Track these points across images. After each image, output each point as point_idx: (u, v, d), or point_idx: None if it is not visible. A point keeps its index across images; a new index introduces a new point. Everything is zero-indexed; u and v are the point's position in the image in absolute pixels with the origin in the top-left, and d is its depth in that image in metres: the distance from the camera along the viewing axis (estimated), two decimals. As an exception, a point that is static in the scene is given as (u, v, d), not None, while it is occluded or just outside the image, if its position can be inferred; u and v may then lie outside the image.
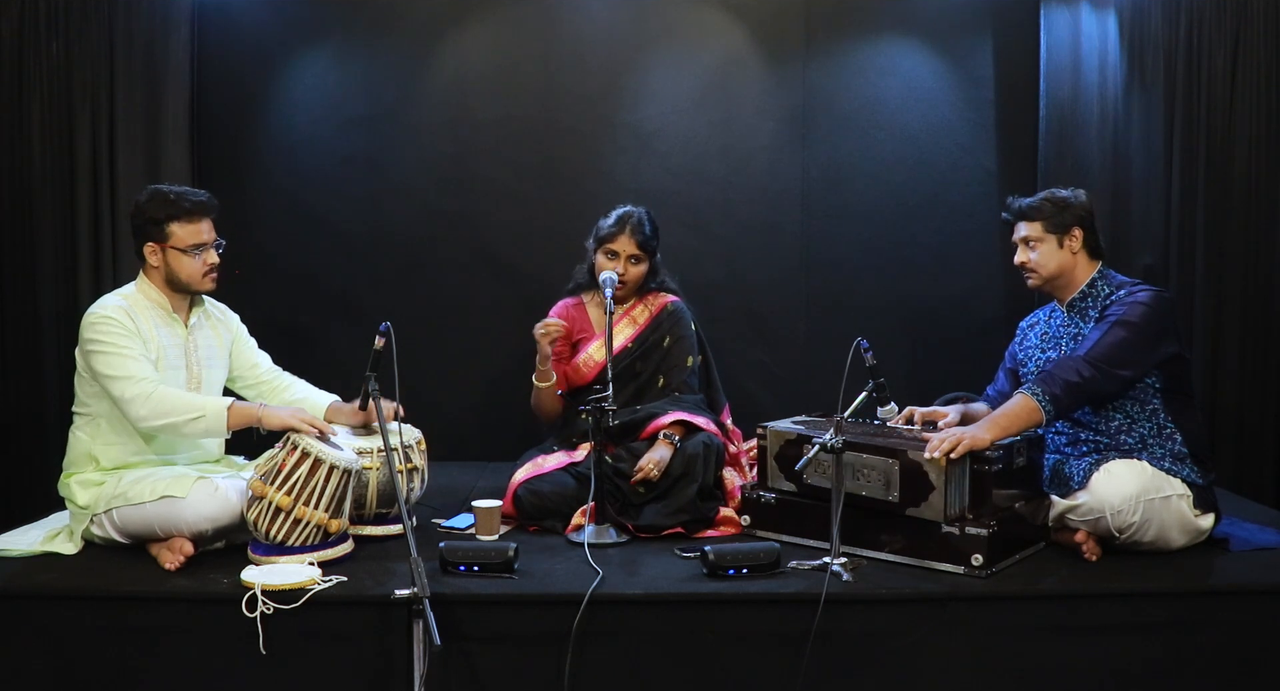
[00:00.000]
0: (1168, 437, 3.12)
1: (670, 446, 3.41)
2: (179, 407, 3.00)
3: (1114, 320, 3.08)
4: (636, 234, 3.62)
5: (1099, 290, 3.23)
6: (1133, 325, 3.06)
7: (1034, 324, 3.43)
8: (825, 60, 4.40)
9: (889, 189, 4.43)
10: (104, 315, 3.05)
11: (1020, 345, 3.44)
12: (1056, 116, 4.27)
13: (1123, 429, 3.14)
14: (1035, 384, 3.04)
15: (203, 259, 3.14)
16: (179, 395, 3.03)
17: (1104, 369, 3.03)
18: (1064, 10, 4.25)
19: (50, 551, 3.05)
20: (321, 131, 4.39)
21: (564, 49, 4.39)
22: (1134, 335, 3.05)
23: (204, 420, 3.01)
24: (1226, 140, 4.18)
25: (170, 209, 3.10)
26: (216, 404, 3.03)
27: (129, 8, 4.13)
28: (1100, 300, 3.20)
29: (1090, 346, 3.07)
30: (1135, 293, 3.14)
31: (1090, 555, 3.00)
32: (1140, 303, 3.09)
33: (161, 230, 3.10)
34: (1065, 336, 3.26)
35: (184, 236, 3.11)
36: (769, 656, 2.76)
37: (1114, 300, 3.15)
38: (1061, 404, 3.02)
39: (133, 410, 2.99)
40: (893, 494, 2.97)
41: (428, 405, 4.01)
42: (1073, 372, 3.02)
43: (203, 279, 3.16)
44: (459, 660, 2.71)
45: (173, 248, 3.11)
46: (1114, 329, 3.07)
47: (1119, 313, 3.09)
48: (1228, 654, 2.81)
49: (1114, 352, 3.04)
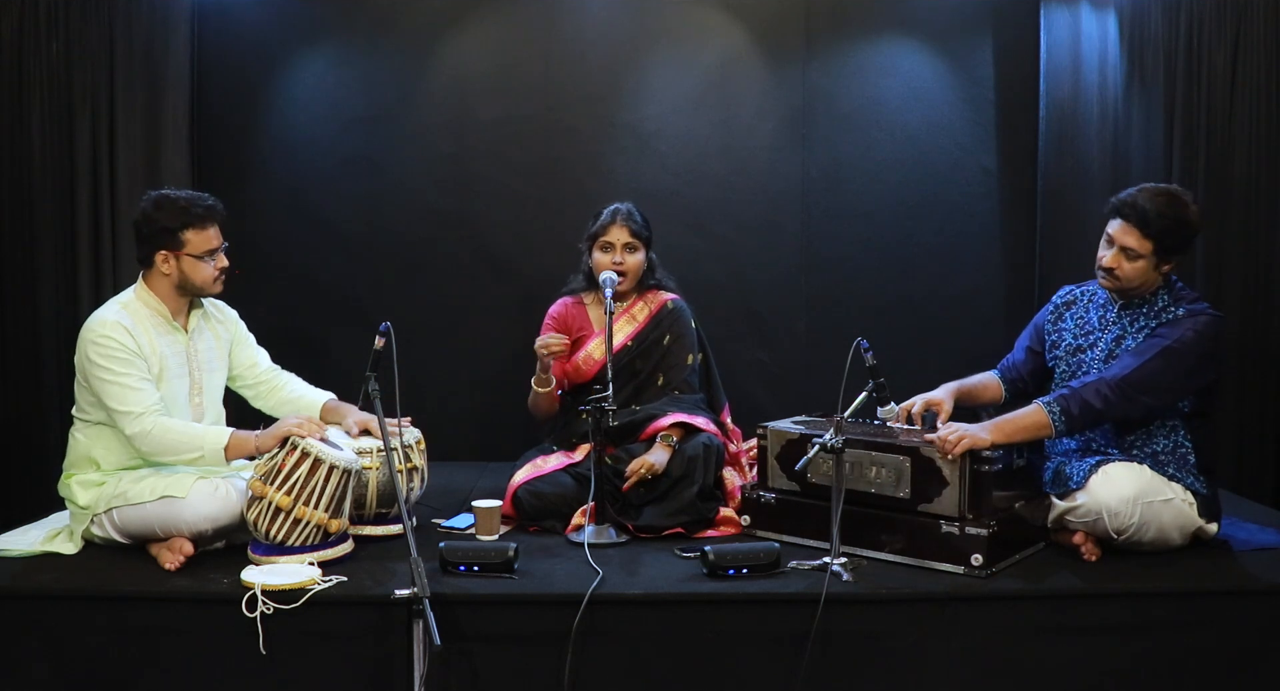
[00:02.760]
0: (1182, 457, 3.07)
1: (668, 449, 3.40)
2: (179, 447, 3.00)
3: (1163, 346, 2.95)
4: (628, 222, 3.64)
5: (1159, 301, 3.07)
6: (1179, 355, 2.94)
7: (1070, 302, 3.28)
8: (825, 60, 4.40)
9: (889, 189, 4.43)
10: (103, 334, 3.02)
11: (1053, 324, 3.28)
12: (1056, 116, 4.28)
13: (1136, 443, 3.10)
14: (1055, 399, 2.98)
15: (215, 264, 3.15)
16: (179, 431, 3.02)
17: (1132, 395, 2.95)
18: (1064, 10, 4.26)
19: (50, 551, 3.05)
20: (321, 132, 4.39)
21: (564, 49, 4.39)
22: (1176, 364, 2.94)
23: (203, 459, 3.03)
24: (1226, 140, 4.18)
25: (184, 216, 3.08)
26: (213, 443, 3.02)
27: (129, 8, 4.13)
28: (1157, 312, 3.06)
29: (1128, 369, 2.96)
30: (1195, 317, 2.98)
31: (1089, 556, 3.00)
32: (1196, 331, 2.95)
33: (176, 238, 3.08)
34: (1108, 335, 3.13)
35: (199, 243, 3.09)
36: (769, 656, 2.76)
37: (1170, 318, 3.02)
38: (1074, 423, 2.98)
39: (135, 445, 3.02)
40: (904, 490, 2.97)
41: (428, 405, 4.01)
42: (1097, 396, 2.95)
43: (214, 283, 3.17)
44: (459, 660, 2.71)
45: (188, 254, 3.09)
46: (1156, 357, 2.95)
47: (1172, 337, 2.96)
48: (1228, 654, 2.81)
49: (1149, 380, 2.95)
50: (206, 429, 3.07)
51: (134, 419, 2.99)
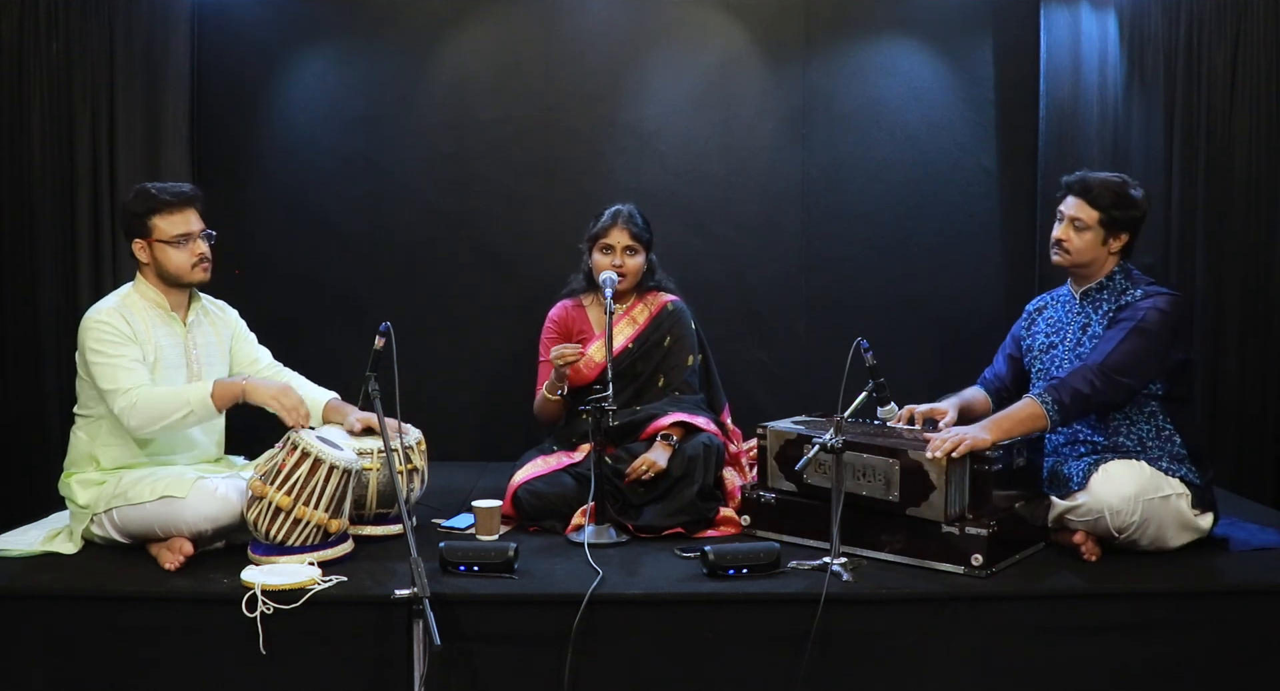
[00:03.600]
0: (1166, 439, 3.11)
1: (668, 448, 3.41)
2: (166, 409, 3.00)
3: (1131, 326, 3.04)
4: (629, 224, 3.64)
5: (1117, 284, 3.19)
6: (1150, 333, 3.02)
7: (1041, 307, 3.39)
8: (825, 60, 4.40)
9: (889, 189, 4.43)
10: (98, 319, 3.06)
11: (1026, 330, 3.40)
12: (1056, 116, 4.27)
13: (1121, 430, 3.14)
14: (1045, 391, 3.02)
15: (190, 250, 3.14)
16: (162, 394, 3.02)
17: (1116, 379, 3.00)
18: (1064, 10, 4.25)
19: (50, 551, 3.06)
20: (322, 131, 4.39)
21: (564, 49, 4.39)
22: (1150, 343, 3.02)
23: (193, 414, 3.03)
24: (1226, 140, 4.18)
25: (150, 202, 3.13)
26: (199, 393, 3.02)
27: (129, 8, 4.13)
28: (1116, 296, 3.17)
29: (1106, 354, 3.03)
30: (1154, 297, 3.09)
31: (1089, 555, 3.00)
32: (1159, 310, 3.05)
33: (144, 224, 3.12)
34: (1074, 325, 3.23)
35: (166, 228, 3.12)
36: (769, 656, 2.76)
37: (1130, 301, 3.12)
38: (1067, 412, 3.01)
39: (126, 422, 3.02)
40: (893, 493, 2.97)
41: (428, 405, 4.01)
42: (1084, 382, 3.00)
43: (192, 270, 3.16)
44: (459, 660, 2.71)
45: (157, 240, 3.12)
46: (1130, 336, 3.03)
47: (1137, 318, 3.05)
48: (1228, 654, 2.81)
49: (1128, 360, 3.01)
50: (188, 386, 3.08)
51: (121, 394, 2.99)
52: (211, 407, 3.03)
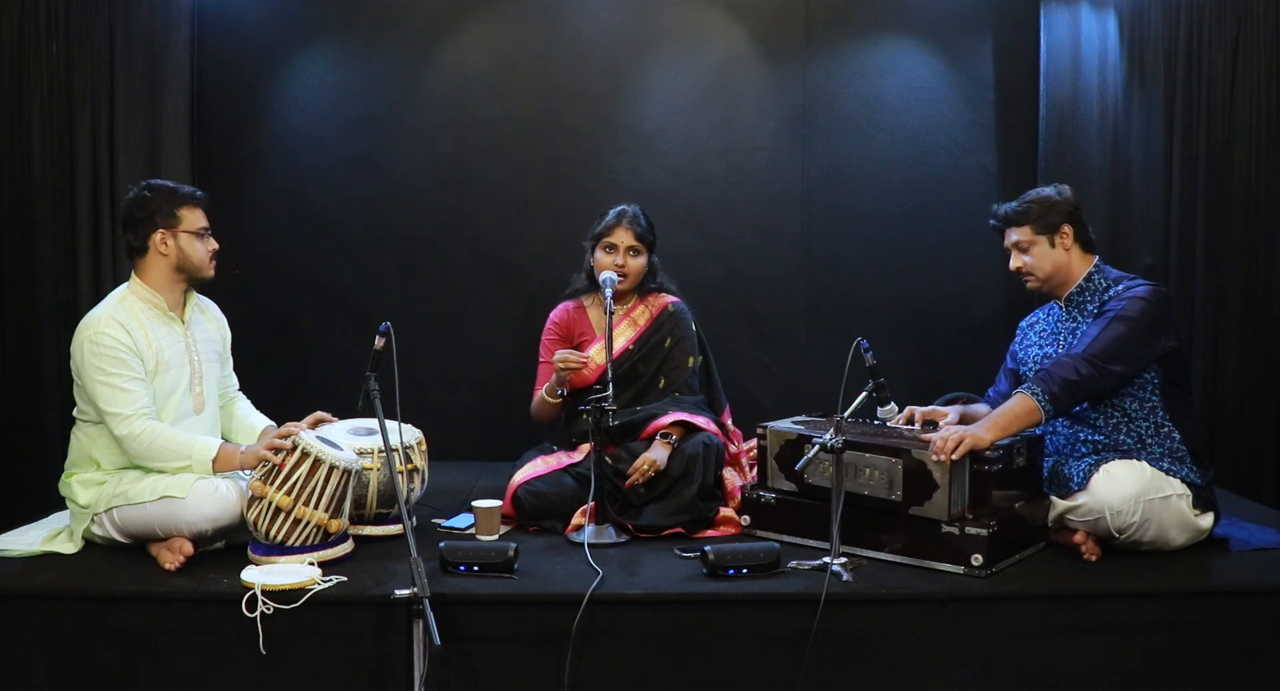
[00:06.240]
0: (1166, 436, 3.12)
1: (668, 447, 3.41)
2: (167, 455, 3.01)
3: (1112, 316, 3.09)
4: (634, 225, 3.64)
5: (1096, 284, 3.22)
6: (1131, 320, 3.06)
7: (1033, 322, 3.43)
8: (825, 60, 4.40)
9: (889, 189, 4.43)
10: (99, 331, 3.02)
11: (1020, 344, 3.43)
12: (1056, 116, 4.27)
13: (1120, 428, 3.14)
14: (1034, 383, 3.05)
15: (207, 244, 3.20)
16: (168, 438, 3.02)
17: (1101, 365, 3.03)
18: (1064, 10, 4.25)
19: (50, 551, 3.06)
20: (322, 132, 4.39)
21: (564, 49, 4.39)
22: (1132, 330, 3.06)
23: (189, 468, 3.03)
24: (1226, 140, 4.18)
25: (177, 194, 3.17)
26: (203, 453, 3.03)
27: (129, 8, 4.13)
28: (1098, 294, 3.21)
29: (1088, 343, 3.07)
30: (1133, 288, 3.14)
31: (1090, 555, 3.01)
32: (1138, 298, 3.10)
33: (173, 215, 3.14)
34: (1064, 332, 3.26)
35: (193, 220, 3.17)
36: (769, 656, 2.76)
37: (1111, 295, 3.15)
38: (1060, 402, 3.03)
39: (124, 446, 3.02)
40: (896, 493, 2.97)
41: (428, 405, 4.01)
42: (1070, 370, 3.03)
43: (209, 264, 3.21)
44: (459, 660, 2.71)
45: (185, 231, 3.14)
46: (1112, 324, 3.07)
47: (1117, 308, 3.10)
48: (1228, 654, 2.81)
49: (1112, 348, 3.04)
50: (196, 439, 3.06)
51: (122, 421, 2.99)
52: (209, 470, 3.04)
